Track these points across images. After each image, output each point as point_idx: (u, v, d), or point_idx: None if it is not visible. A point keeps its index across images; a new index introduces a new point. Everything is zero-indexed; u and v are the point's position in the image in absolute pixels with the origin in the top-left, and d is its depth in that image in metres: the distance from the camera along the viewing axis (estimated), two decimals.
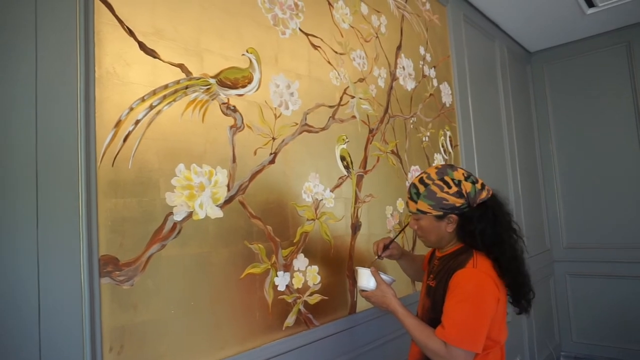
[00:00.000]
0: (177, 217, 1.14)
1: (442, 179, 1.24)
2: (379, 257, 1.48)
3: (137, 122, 1.08)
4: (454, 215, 1.24)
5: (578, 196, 3.56)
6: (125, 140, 1.05)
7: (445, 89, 2.45)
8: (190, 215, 1.17)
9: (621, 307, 3.31)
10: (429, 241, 1.34)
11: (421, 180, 1.27)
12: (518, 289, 1.24)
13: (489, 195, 1.25)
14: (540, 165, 3.73)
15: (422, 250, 1.99)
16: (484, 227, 1.22)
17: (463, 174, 1.25)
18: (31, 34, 0.92)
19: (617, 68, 3.38)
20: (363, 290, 1.32)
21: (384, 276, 1.32)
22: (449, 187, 1.23)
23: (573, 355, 3.53)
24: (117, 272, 1.02)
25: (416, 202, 1.27)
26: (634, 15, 3.14)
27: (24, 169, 0.91)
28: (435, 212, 1.25)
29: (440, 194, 1.23)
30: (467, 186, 1.22)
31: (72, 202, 0.95)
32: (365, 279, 1.31)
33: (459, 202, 1.22)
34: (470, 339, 1.13)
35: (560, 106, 3.66)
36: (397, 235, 1.54)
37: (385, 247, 1.48)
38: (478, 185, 1.24)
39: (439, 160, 2.32)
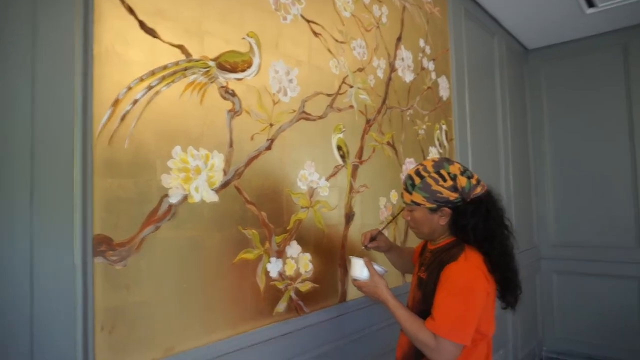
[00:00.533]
0: (173, 200, 1.13)
1: (438, 172, 1.25)
2: (366, 247, 1.50)
3: (135, 101, 1.07)
4: (447, 209, 1.25)
5: (569, 195, 3.60)
6: (122, 119, 1.04)
7: (443, 82, 2.45)
8: (185, 198, 1.16)
9: (604, 305, 3.38)
10: (421, 233, 1.35)
11: (417, 172, 1.28)
12: (507, 284, 1.26)
13: (484, 191, 1.26)
14: (532, 162, 3.76)
15: (413, 242, 2.01)
16: (477, 222, 1.24)
17: (459, 168, 1.26)
18: (30, 7, 0.91)
19: (612, 69, 3.40)
20: (355, 280, 1.33)
21: (376, 267, 1.33)
22: (445, 180, 1.24)
23: (555, 350, 3.60)
24: (111, 252, 1.01)
25: (411, 194, 1.28)
26: (632, 17, 3.15)
27: (19, 144, 0.90)
28: (429, 205, 1.26)
29: (435, 187, 1.24)
30: (462, 181, 1.23)
31: (67, 181, 0.94)
32: (359, 268, 1.31)
33: (453, 195, 1.23)
34: (460, 331, 1.15)
35: (555, 104, 3.68)
36: (384, 227, 1.54)
37: (372, 238, 1.49)
38: (473, 181, 1.24)
39: (433, 153, 2.33)
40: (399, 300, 1.27)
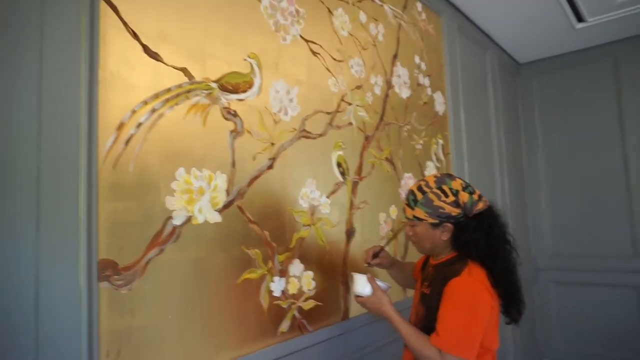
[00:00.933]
0: (177, 222, 1.13)
1: (440, 188, 1.26)
2: (369, 264, 1.50)
3: (140, 125, 1.07)
4: (449, 224, 1.26)
5: (563, 205, 3.63)
6: (127, 143, 1.05)
7: (438, 97, 2.49)
8: (189, 219, 1.16)
9: (603, 315, 3.38)
10: (423, 248, 1.35)
11: (419, 188, 1.29)
12: (510, 299, 1.27)
13: (486, 207, 1.27)
14: (527, 173, 3.79)
15: (413, 257, 2.01)
16: (479, 238, 1.24)
17: (461, 184, 1.27)
18: (37, 35, 0.92)
19: (603, 81, 3.46)
20: (358, 296, 1.33)
21: (379, 282, 1.33)
22: (447, 196, 1.25)
23: None
24: (116, 277, 1.01)
25: (413, 209, 1.29)
26: (622, 31, 3.22)
27: (26, 170, 0.90)
28: (431, 220, 1.26)
29: (437, 203, 1.25)
30: (464, 196, 1.24)
31: (73, 205, 0.94)
32: (362, 285, 1.31)
33: (455, 211, 1.24)
34: (465, 346, 1.15)
35: (547, 117, 3.73)
36: (387, 243, 1.55)
37: (375, 255, 1.50)
38: (475, 196, 1.26)
39: (431, 168, 2.35)
40: (403, 316, 1.27)
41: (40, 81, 0.92)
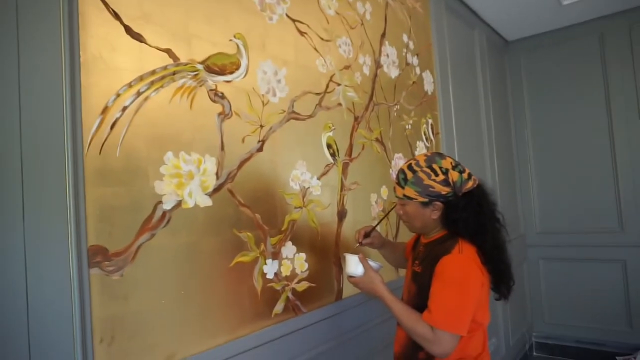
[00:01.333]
0: (167, 206, 1.12)
1: (430, 167, 1.26)
2: (360, 244, 1.50)
3: (125, 108, 1.05)
4: (439, 203, 1.27)
5: (552, 182, 3.67)
6: (112, 127, 1.02)
7: (427, 77, 2.47)
8: (179, 204, 1.15)
9: (590, 289, 3.46)
10: (413, 227, 1.36)
11: (410, 167, 1.29)
12: (499, 276, 1.28)
13: (475, 185, 1.27)
14: (515, 152, 3.82)
15: (405, 237, 2.03)
16: (468, 216, 1.25)
17: (451, 162, 1.27)
18: (12, 16, 0.88)
19: (590, 58, 3.47)
20: (351, 276, 1.34)
21: (371, 262, 1.34)
22: (436, 174, 1.25)
23: (545, 335, 3.68)
24: (107, 263, 1.00)
25: (403, 188, 1.29)
26: (607, 6, 3.22)
27: (8, 158, 0.88)
28: (421, 199, 1.27)
29: (427, 181, 1.25)
30: (454, 175, 1.25)
31: (60, 192, 0.92)
32: (354, 265, 1.32)
33: (445, 190, 1.25)
34: (456, 323, 1.17)
35: (535, 94, 3.74)
36: (378, 223, 1.56)
37: (366, 235, 1.51)
38: (465, 175, 1.26)
39: (421, 147, 2.35)
40: (395, 295, 1.28)
41: (19, 65, 0.89)
